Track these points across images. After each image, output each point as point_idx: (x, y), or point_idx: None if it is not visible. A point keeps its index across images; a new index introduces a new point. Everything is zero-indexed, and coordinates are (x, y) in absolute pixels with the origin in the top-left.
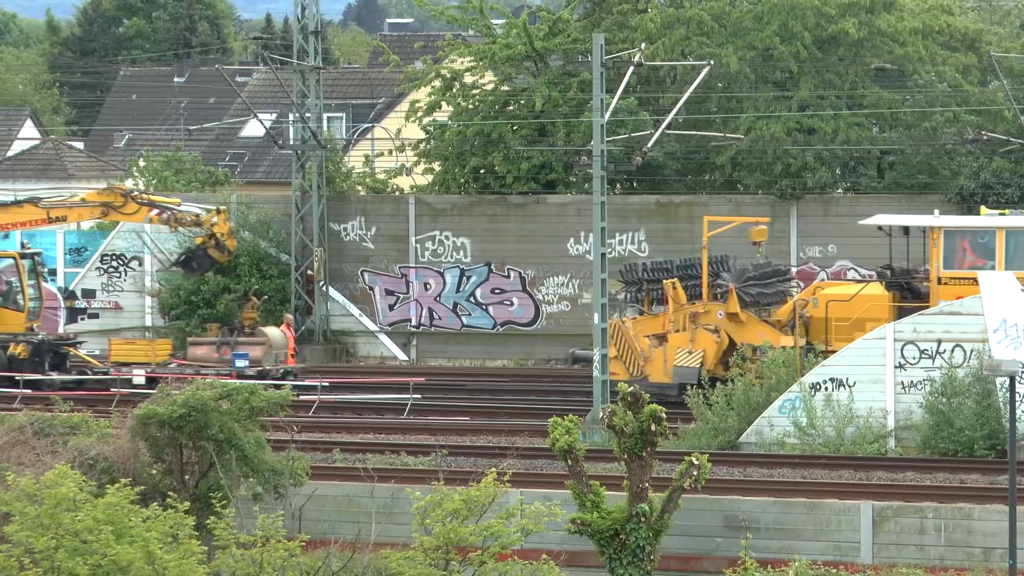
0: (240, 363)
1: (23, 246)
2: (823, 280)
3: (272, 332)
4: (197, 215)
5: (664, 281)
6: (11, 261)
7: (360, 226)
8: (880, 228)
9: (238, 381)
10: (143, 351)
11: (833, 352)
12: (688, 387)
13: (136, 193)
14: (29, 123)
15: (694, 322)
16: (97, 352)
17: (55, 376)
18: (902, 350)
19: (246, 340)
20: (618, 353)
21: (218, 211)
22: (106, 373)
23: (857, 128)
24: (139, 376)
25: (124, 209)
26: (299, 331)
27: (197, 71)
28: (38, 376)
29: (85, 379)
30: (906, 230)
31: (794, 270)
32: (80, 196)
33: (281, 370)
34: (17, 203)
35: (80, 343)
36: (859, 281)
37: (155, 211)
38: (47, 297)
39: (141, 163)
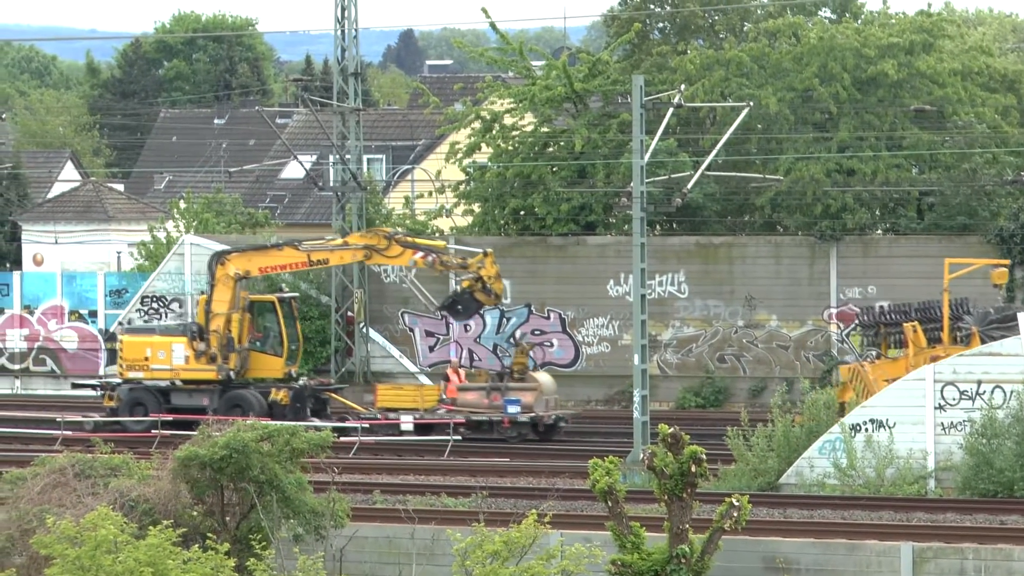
0: (512, 408)
1: (280, 290)
2: None
3: (543, 378)
4: (463, 258)
5: (904, 324)
6: (270, 306)
7: (400, 267)
8: None
9: (278, 423)
10: (411, 397)
11: None
12: None
13: (399, 235)
14: (69, 165)
15: None
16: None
17: (318, 423)
18: (942, 391)
19: (517, 386)
20: (856, 397)
21: (485, 254)
22: (373, 419)
23: (896, 169)
24: (407, 423)
25: (388, 252)
26: (339, 373)
27: (237, 113)
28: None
29: (346, 427)
30: None
31: (833, 311)
32: (342, 239)
33: (553, 416)
34: (277, 246)
35: (341, 389)
36: None
37: (419, 254)
38: (87, 339)
39: (181, 205)
